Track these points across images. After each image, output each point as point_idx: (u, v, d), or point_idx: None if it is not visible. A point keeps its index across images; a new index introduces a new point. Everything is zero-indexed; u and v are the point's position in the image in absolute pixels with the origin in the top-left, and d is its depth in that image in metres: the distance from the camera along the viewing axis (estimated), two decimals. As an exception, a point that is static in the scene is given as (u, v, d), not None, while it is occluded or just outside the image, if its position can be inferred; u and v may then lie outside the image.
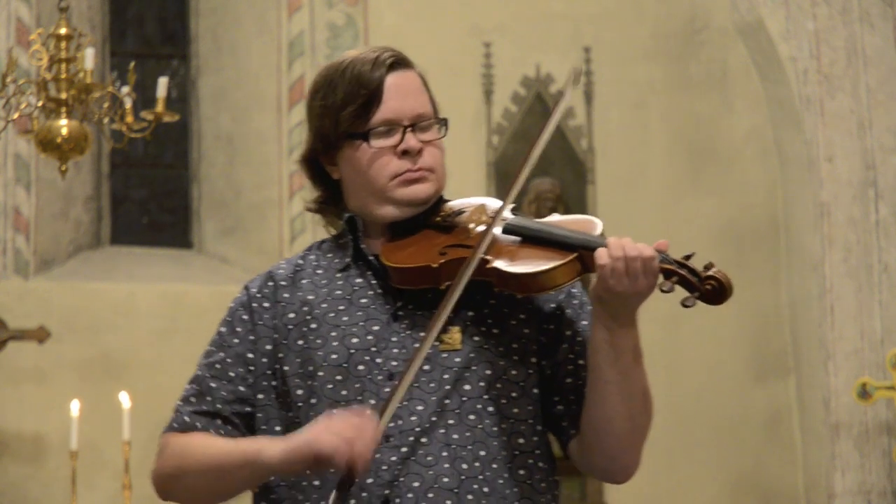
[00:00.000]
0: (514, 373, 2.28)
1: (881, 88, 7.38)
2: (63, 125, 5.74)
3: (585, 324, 2.33)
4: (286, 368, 2.28)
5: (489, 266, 2.23)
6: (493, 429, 2.24)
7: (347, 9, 7.68)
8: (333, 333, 2.27)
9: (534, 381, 2.30)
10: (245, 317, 2.34)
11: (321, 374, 2.25)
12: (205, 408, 2.30)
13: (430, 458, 2.20)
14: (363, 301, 2.30)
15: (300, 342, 2.28)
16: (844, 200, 7.33)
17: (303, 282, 2.34)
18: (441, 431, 2.21)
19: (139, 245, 7.87)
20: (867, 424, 7.20)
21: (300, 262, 2.38)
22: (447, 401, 2.23)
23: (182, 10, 8.08)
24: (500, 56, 7.64)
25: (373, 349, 2.26)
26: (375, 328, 2.27)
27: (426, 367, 2.23)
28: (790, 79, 7.42)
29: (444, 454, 2.21)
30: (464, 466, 2.21)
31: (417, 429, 2.21)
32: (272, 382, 2.30)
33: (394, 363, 2.24)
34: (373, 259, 2.33)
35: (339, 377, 2.24)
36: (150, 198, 8.05)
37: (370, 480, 2.18)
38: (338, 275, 2.33)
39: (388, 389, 2.20)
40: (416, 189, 2.34)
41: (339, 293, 2.31)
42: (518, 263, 2.24)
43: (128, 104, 5.87)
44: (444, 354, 2.25)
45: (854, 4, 7.39)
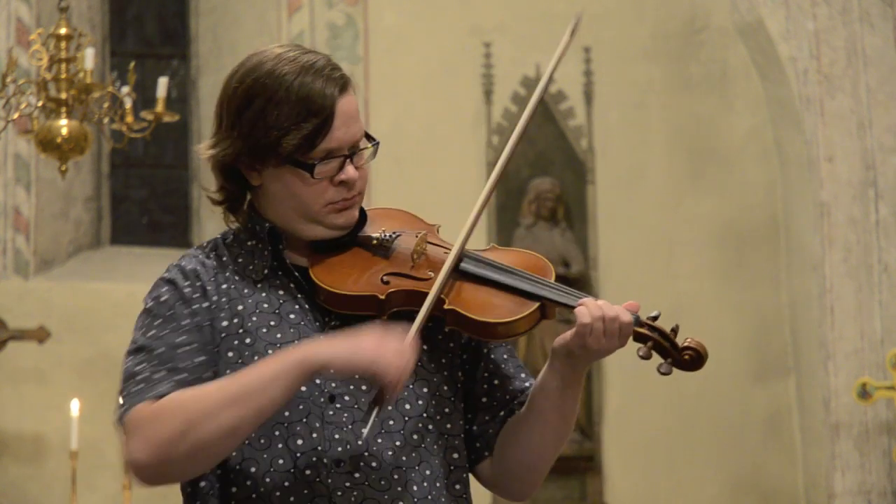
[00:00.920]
0: (446, 388, 2.27)
1: (881, 88, 7.38)
2: (63, 125, 5.74)
3: (503, 346, 2.34)
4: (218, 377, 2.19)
5: (446, 307, 2.19)
6: (434, 447, 2.23)
7: (347, 9, 7.68)
8: (270, 351, 2.18)
9: (460, 396, 2.30)
10: (186, 311, 2.21)
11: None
12: (183, 377, 2.15)
13: (384, 483, 2.18)
14: (292, 317, 2.22)
15: (231, 354, 2.20)
16: (844, 200, 7.33)
17: (223, 287, 2.25)
18: (389, 454, 2.18)
19: (139, 245, 7.87)
20: (867, 424, 7.20)
21: (214, 264, 2.27)
22: (391, 422, 2.20)
23: (182, 10, 8.08)
24: (500, 56, 7.64)
25: None
26: None
27: (364, 388, 2.18)
28: (790, 79, 7.42)
29: (396, 477, 2.19)
30: (414, 488, 2.20)
31: (366, 453, 2.17)
32: None
33: (333, 385, 2.18)
34: (297, 274, 2.25)
35: None
36: (150, 198, 8.05)
37: None
38: (258, 284, 2.24)
39: (332, 412, 2.16)
40: (347, 216, 2.26)
41: (266, 306, 2.22)
42: (478, 308, 2.19)
43: (128, 104, 5.87)
44: None
45: (854, 4, 7.39)
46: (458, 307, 2.19)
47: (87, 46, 5.82)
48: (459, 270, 2.24)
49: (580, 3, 9.02)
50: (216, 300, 2.22)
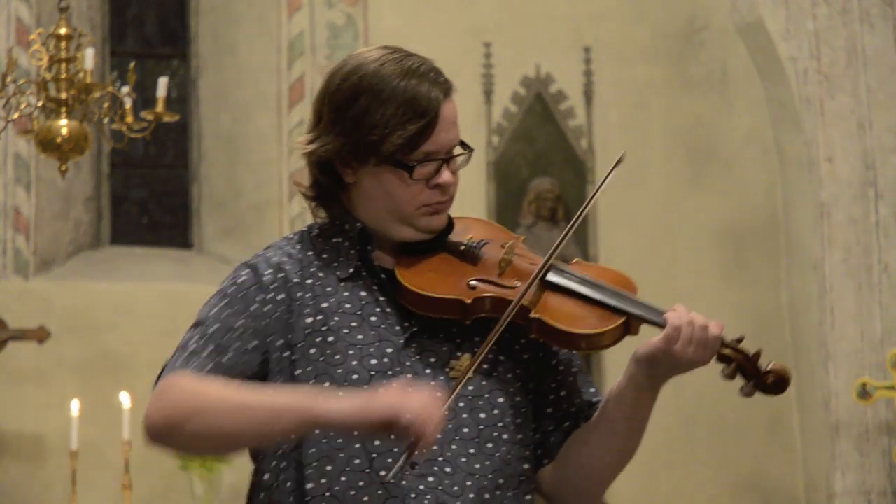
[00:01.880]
0: (519, 399, 2.29)
1: (881, 88, 7.38)
2: (63, 125, 5.74)
3: (572, 358, 2.36)
4: (297, 372, 2.22)
5: (532, 315, 2.20)
6: (508, 456, 2.25)
7: (347, 9, 7.68)
8: (351, 352, 2.22)
9: (532, 406, 2.32)
10: (259, 298, 2.24)
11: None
12: (226, 361, 2.19)
13: (457, 489, 2.19)
14: (373, 319, 2.25)
15: (313, 351, 2.22)
16: (844, 200, 7.33)
17: (308, 282, 2.27)
18: (463, 460, 2.21)
19: (139, 245, 7.87)
20: (867, 424, 7.20)
21: (301, 258, 2.29)
22: (465, 429, 2.22)
23: (182, 10, 8.08)
24: (500, 56, 7.64)
25: (389, 373, 2.21)
26: (389, 350, 2.23)
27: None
28: (790, 79, 7.42)
29: (469, 484, 2.20)
30: (486, 496, 2.21)
31: (440, 458, 2.19)
32: (279, 379, 2.23)
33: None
34: (383, 275, 2.27)
35: None
36: (150, 198, 8.05)
37: None
38: (341, 283, 2.27)
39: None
40: (439, 219, 2.29)
41: (349, 306, 2.25)
42: (565, 319, 2.21)
43: (128, 104, 5.87)
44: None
45: (854, 4, 7.39)
46: (545, 316, 2.20)
47: (87, 46, 5.82)
48: (546, 281, 2.25)
49: (580, 3, 9.06)
50: (300, 296, 2.25)
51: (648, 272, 7.60)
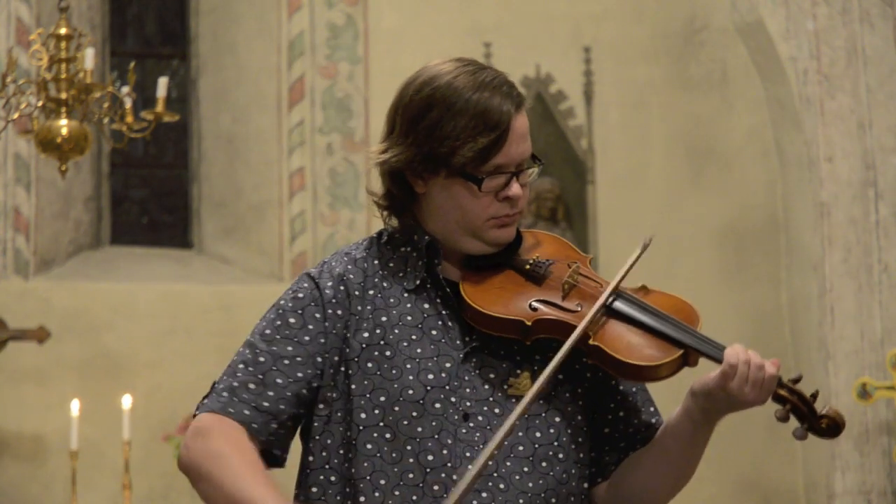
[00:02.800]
0: (580, 418, 2.31)
1: (881, 88, 7.38)
2: (63, 125, 5.74)
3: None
4: (353, 387, 2.24)
5: (591, 342, 2.21)
6: (563, 475, 2.26)
7: (347, 9, 7.68)
8: (409, 366, 2.24)
9: (590, 426, 2.33)
10: (318, 315, 2.28)
11: (397, 409, 2.22)
12: (266, 404, 2.22)
13: None
14: (434, 333, 2.27)
15: (370, 365, 2.24)
16: (844, 200, 7.33)
17: (370, 293, 2.29)
18: (517, 478, 2.22)
19: (139, 245, 7.87)
20: (867, 424, 7.20)
21: (365, 266, 2.32)
22: (520, 447, 2.24)
23: (182, 10, 8.08)
24: (500, 56, 7.63)
25: (447, 388, 2.23)
26: (448, 365, 2.25)
27: (497, 411, 2.23)
28: (790, 79, 7.42)
29: (521, 501, 2.22)
30: None
31: (494, 474, 2.21)
32: (333, 394, 2.26)
33: (468, 403, 2.23)
34: (448, 289, 2.29)
35: (416, 413, 2.22)
36: (150, 198, 8.05)
37: None
38: (405, 294, 2.29)
39: (465, 431, 2.20)
40: (508, 232, 2.30)
41: (410, 319, 2.27)
42: (623, 349, 2.22)
43: (128, 104, 5.87)
44: (514, 400, 2.24)
45: (854, 4, 7.39)
46: (604, 345, 2.21)
47: (87, 46, 5.82)
48: (608, 307, 2.26)
49: (580, 3, 9.05)
50: (359, 310, 2.27)
51: (648, 272, 7.60)
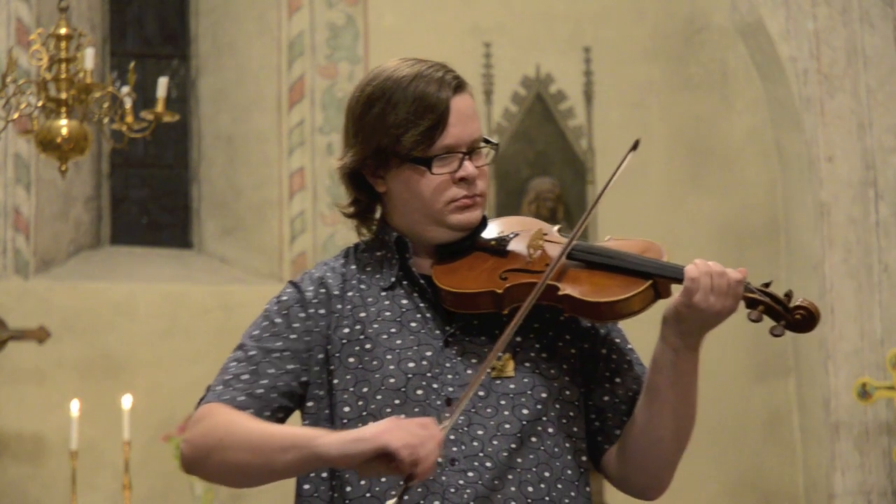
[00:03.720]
0: (569, 393, 2.32)
1: (881, 88, 7.38)
2: (63, 125, 5.74)
3: (619, 341, 2.39)
4: (335, 381, 2.29)
5: (560, 293, 2.24)
6: (555, 449, 2.28)
7: (347, 9, 7.68)
8: (389, 357, 2.27)
9: (583, 400, 2.35)
10: (301, 314, 2.34)
11: (379, 398, 2.26)
12: (259, 391, 2.28)
13: (497, 482, 2.23)
14: (413, 325, 2.31)
15: (351, 360, 2.29)
16: (844, 200, 7.33)
17: (349, 294, 2.35)
18: (504, 455, 2.24)
19: (139, 245, 7.87)
20: (867, 424, 7.20)
21: (343, 272, 2.38)
22: (507, 425, 2.26)
23: (182, 10, 8.08)
24: (500, 56, 7.64)
25: (428, 374, 2.27)
26: (429, 353, 2.28)
27: (481, 394, 2.26)
28: (790, 79, 7.42)
29: (510, 477, 2.24)
30: (529, 489, 2.25)
31: (480, 453, 2.24)
32: (320, 392, 2.31)
33: (450, 388, 2.26)
34: (423, 281, 2.33)
35: (398, 401, 2.25)
36: (150, 198, 8.05)
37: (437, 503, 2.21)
38: (383, 293, 2.34)
39: (448, 415, 2.21)
40: (470, 216, 2.35)
41: (389, 314, 2.32)
42: (591, 291, 2.25)
43: (128, 104, 5.87)
44: (498, 381, 2.28)
45: (854, 4, 7.39)
46: (573, 292, 2.24)
47: (87, 46, 5.82)
48: (572, 260, 2.29)
49: (580, 3, 9.06)
50: (339, 308, 2.33)
51: (648, 272, 7.61)
